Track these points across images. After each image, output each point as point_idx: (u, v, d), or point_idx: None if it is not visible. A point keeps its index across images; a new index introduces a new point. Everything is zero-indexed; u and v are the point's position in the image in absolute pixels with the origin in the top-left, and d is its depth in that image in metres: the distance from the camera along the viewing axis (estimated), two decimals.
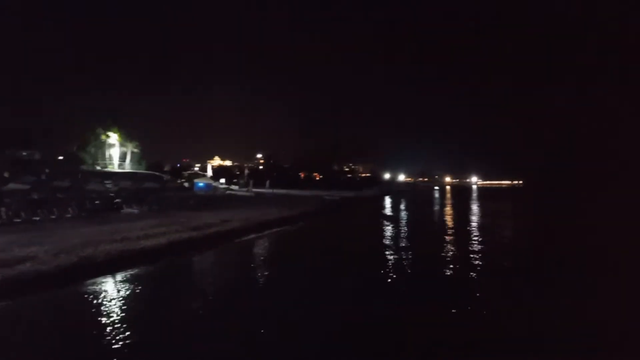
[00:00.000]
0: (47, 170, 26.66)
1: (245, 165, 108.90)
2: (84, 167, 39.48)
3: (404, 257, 18.89)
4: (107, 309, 10.54)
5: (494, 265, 17.37)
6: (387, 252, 19.74)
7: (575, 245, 23.86)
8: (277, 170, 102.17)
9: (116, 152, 46.35)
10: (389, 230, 28.39)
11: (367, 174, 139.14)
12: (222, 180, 66.50)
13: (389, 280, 14.66)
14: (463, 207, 54.88)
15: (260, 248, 21.42)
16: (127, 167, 46.52)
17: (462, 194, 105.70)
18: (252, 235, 23.43)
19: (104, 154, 45.34)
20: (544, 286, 14.01)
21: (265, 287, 13.88)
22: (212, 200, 38.17)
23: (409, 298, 12.41)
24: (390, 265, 16.89)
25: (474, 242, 23.26)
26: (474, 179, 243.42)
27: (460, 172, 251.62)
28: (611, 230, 30.60)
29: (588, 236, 27.53)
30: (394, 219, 36.15)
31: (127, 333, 8.92)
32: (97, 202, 26.23)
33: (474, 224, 33.26)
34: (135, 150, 48.55)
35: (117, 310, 10.50)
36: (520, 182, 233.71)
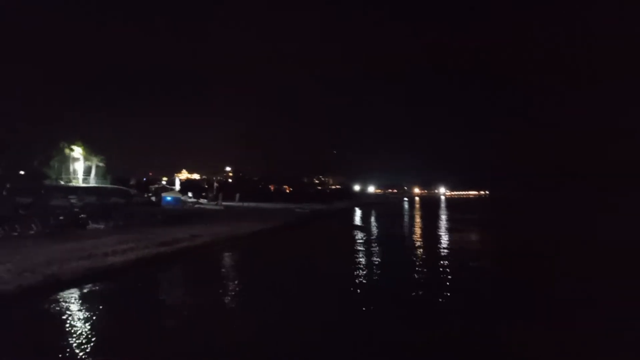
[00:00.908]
0: (7, 186, 25.84)
1: (214, 178, 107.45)
2: (47, 182, 38.36)
3: (372, 269, 19.56)
4: (71, 327, 10.46)
5: (454, 269, 18.19)
6: (357, 264, 20.25)
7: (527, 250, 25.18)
8: (247, 183, 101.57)
9: (80, 167, 45.18)
10: (359, 243, 28.88)
11: (338, 186, 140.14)
12: (190, 194, 65.36)
13: (359, 290, 15.23)
14: (430, 218, 56.51)
15: (232, 263, 21.42)
16: (92, 182, 45.40)
17: (430, 205, 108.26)
18: (223, 250, 23.39)
19: (67, 169, 44.13)
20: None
21: (236, 303, 13.96)
22: (181, 214, 37.60)
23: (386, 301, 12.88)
24: (360, 278, 17.41)
25: (438, 252, 24.57)
26: (442, 189, 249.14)
27: (429, 183, 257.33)
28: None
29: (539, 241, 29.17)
30: (365, 231, 36.70)
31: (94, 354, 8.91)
32: (61, 218, 25.48)
33: (441, 235, 34.53)
34: (100, 164, 47.46)
35: (80, 329, 10.43)
36: (487, 192, 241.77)
